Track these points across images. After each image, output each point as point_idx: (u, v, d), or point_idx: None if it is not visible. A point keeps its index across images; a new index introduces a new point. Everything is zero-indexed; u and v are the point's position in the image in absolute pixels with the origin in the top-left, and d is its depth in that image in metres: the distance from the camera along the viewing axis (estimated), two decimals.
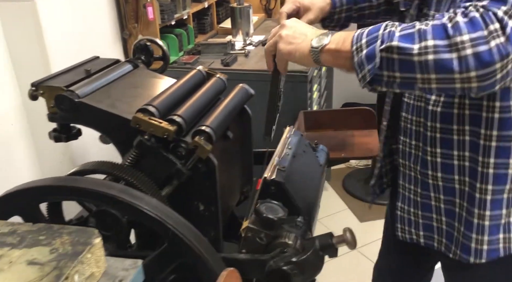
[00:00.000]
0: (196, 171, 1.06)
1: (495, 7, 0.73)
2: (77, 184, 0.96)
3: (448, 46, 0.74)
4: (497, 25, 0.72)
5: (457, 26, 0.74)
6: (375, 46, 0.79)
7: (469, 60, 0.73)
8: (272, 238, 1.01)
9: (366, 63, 0.80)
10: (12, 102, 1.51)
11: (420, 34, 0.76)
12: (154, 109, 1.05)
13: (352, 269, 2.31)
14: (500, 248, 0.95)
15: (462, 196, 0.97)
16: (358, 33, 0.83)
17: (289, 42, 0.90)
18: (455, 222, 0.99)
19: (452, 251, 1.01)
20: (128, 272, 0.77)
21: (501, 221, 0.94)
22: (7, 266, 0.69)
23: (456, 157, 0.95)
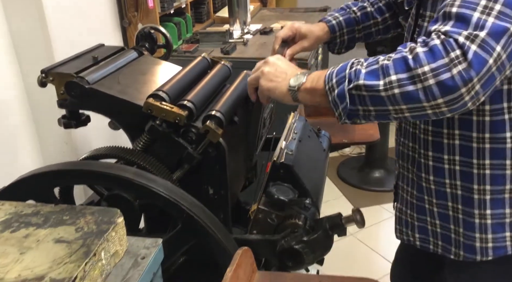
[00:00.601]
0: (207, 156, 1.08)
1: (456, 33, 0.75)
2: (92, 168, 0.98)
3: (411, 78, 0.76)
4: (458, 52, 0.74)
5: (417, 57, 0.76)
6: (344, 86, 0.82)
7: (433, 89, 0.75)
8: (282, 219, 1.04)
9: (339, 102, 0.84)
10: (15, 91, 1.51)
11: (383, 69, 0.79)
12: (165, 94, 1.07)
13: (348, 253, 2.36)
14: (507, 246, 0.95)
15: (455, 200, 0.97)
16: (329, 73, 0.87)
17: (270, 79, 0.94)
18: (450, 225, 0.99)
19: (453, 252, 1.01)
20: (149, 250, 0.79)
21: (505, 220, 0.94)
22: (35, 245, 0.71)
23: (446, 161, 0.96)
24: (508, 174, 0.92)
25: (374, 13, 1.26)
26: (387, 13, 1.26)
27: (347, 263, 2.29)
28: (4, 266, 0.66)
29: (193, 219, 0.97)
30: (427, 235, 1.04)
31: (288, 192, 1.04)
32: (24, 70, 1.53)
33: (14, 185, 1.00)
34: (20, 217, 0.77)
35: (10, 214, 0.78)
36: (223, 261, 0.98)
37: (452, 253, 1.01)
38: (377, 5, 1.26)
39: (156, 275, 0.80)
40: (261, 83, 0.94)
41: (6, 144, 1.48)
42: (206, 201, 1.06)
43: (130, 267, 0.75)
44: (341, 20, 1.25)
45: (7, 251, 0.69)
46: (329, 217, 1.02)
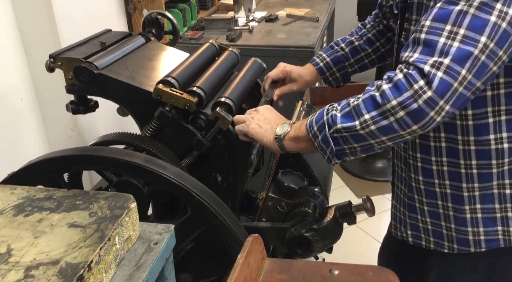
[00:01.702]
0: (216, 143, 1.08)
1: (422, 63, 0.78)
2: (102, 154, 0.97)
3: (382, 113, 0.81)
4: (421, 83, 0.78)
5: (384, 94, 0.81)
6: (325, 132, 0.88)
7: (405, 119, 0.80)
8: (292, 207, 1.04)
9: (325, 147, 0.90)
10: (21, 76, 1.50)
11: (356, 110, 0.84)
12: (174, 80, 1.06)
13: (352, 243, 2.37)
14: (500, 239, 0.98)
15: (445, 198, 0.99)
16: (309, 121, 0.93)
17: (259, 125, 1.00)
18: (441, 222, 1.01)
19: (447, 246, 1.02)
20: (161, 236, 0.79)
21: (496, 215, 0.97)
22: (49, 229, 0.71)
23: (434, 162, 0.98)
24: (494, 172, 0.94)
25: (363, 46, 1.29)
26: (377, 42, 1.28)
27: (349, 253, 2.30)
28: (19, 249, 0.66)
29: (204, 206, 0.97)
30: (418, 232, 1.06)
31: (298, 180, 1.04)
32: (29, 56, 1.51)
33: (23, 170, 1.00)
34: (32, 201, 0.77)
35: (23, 199, 0.78)
36: (232, 248, 0.98)
37: (446, 247, 1.03)
38: (366, 37, 1.29)
39: (168, 260, 0.80)
40: (250, 126, 1.00)
41: (12, 129, 1.47)
42: (214, 188, 1.06)
43: (143, 252, 0.75)
44: (328, 61, 1.30)
45: (21, 235, 0.69)
46: (339, 205, 1.02)
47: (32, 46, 1.50)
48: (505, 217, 0.96)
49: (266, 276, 0.90)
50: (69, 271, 0.62)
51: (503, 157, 0.92)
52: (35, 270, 0.62)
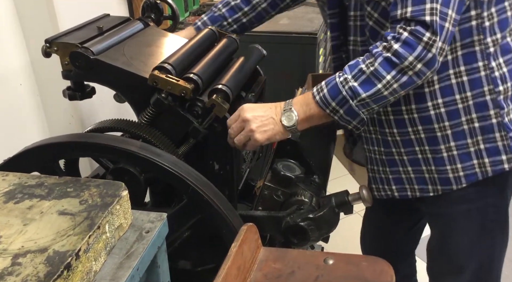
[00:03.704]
0: (212, 130, 1.06)
1: (421, 15, 0.85)
2: (97, 141, 0.96)
3: (401, 70, 0.88)
4: (428, 34, 0.86)
5: (398, 53, 0.88)
6: (350, 105, 0.92)
7: (423, 70, 0.88)
8: (288, 196, 1.03)
9: (350, 118, 0.94)
10: (20, 62, 1.49)
11: (375, 75, 0.90)
12: (170, 67, 1.04)
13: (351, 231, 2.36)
14: (477, 172, 1.04)
15: (421, 143, 1.05)
16: (319, 99, 0.94)
17: (263, 131, 0.98)
18: (422, 167, 1.07)
19: (431, 190, 1.08)
20: (154, 224, 0.79)
21: (470, 149, 1.03)
22: (39, 216, 0.70)
23: (405, 111, 1.04)
24: (461, 108, 1.00)
25: (240, 5, 1.33)
26: (254, 0, 1.32)
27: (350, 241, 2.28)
28: (7, 237, 0.66)
29: (199, 194, 0.96)
30: (402, 184, 1.11)
31: (295, 169, 1.03)
32: (28, 41, 1.50)
33: (18, 156, 1.00)
34: (24, 188, 0.77)
35: (14, 185, 0.78)
36: (228, 236, 0.97)
37: (431, 191, 1.08)
38: None
39: (161, 249, 0.80)
40: (257, 138, 0.98)
41: (11, 115, 1.47)
42: (211, 177, 1.05)
43: (134, 240, 0.75)
44: (206, 20, 1.36)
45: (11, 222, 0.69)
46: (335, 194, 1.01)
47: (31, 31, 1.49)
48: (478, 150, 1.02)
49: (261, 265, 0.90)
50: (56, 259, 0.61)
51: (465, 91, 0.99)
52: (22, 258, 0.62)
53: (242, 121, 0.99)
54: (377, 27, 1.01)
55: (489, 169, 1.03)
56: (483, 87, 0.99)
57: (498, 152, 1.02)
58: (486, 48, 0.97)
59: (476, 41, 0.96)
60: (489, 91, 0.99)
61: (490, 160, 1.02)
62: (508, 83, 1.00)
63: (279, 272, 0.87)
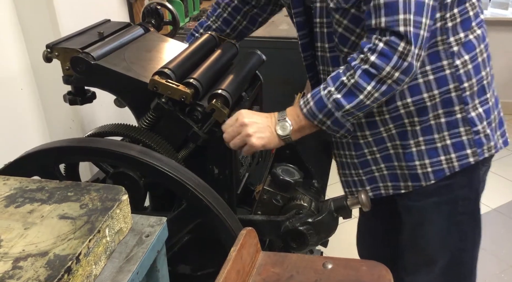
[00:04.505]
0: (212, 135, 1.07)
1: (395, 25, 0.88)
2: (97, 145, 0.97)
3: (380, 80, 0.92)
4: (403, 44, 0.88)
5: (375, 64, 0.90)
6: (336, 116, 0.96)
7: (401, 77, 0.91)
8: (287, 200, 1.04)
9: (338, 129, 0.99)
10: (21, 66, 1.50)
11: (356, 87, 0.93)
12: (170, 72, 1.05)
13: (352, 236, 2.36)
14: (445, 168, 1.07)
15: (392, 139, 1.09)
16: (307, 111, 0.98)
17: (260, 137, 1.01)
18: (394, 162, 1.10)
19: (403, 186, 1.11)
20: (153, 228, 0.79)
21: (437, 144, 1.06)
22: (39, 220, 0.71)
23: (376, 114, 1.07)
24: (429, 105, 1.03)
25: (221, 27, 1.37)
26: (234, 20, 1.36)
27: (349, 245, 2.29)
28: (8, 241, 0.66)
29: (198, 198, 0.97)
30: (376, 182, 1.14)
31: (294, 174, 1.03)
32: (29, 46, 1.51)
33: (19, 160, 1.00)
34: (24, 192, 0.77)
35: (15, 189, 0.78)
36: (227, 240, 0.98)
37: (402, 187, 1.11)
38: (222, 17, 1.36)
39: (161, 253, 0.80)
40: (253, 142, 1.01)
41: (12, 120, 1.48)
42: (211, 181, 1.06)
43: (134, 244, 0.75)
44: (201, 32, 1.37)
45: (12, 226, 0.69)
46: (334, 199, 1.01)
47: (31, 36, 1.50)
48: (445, 145, 1.05)
49: (260, 269, 0.90)
50: (57, 263, 0.62)
51: (432, 89, 1.02)
52: (23, 262, 0.62)
53: (240, 126, 1.01)
54: (347, 34, 1.03)
55: (456, 164, 1.06)
56: (449, 84, 1.02)
57: (463, 147, 1.05)
58: (450, 47, 1.00)
59: (439, 41, 1.00)
60: (454, 88, 1.02)
61: (456, 155, 1.05)
62: (473, 80, 1.03)
63: (277, 276, 0.88)
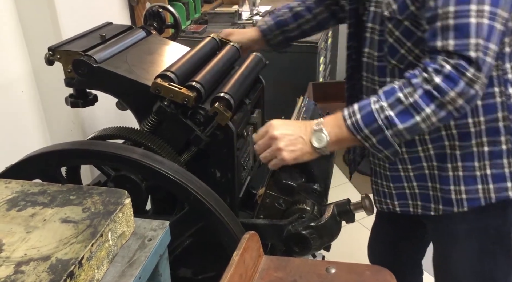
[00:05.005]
0: (214, 138, 1.07)
1: (465, 50, 0.82)
2: (99, 148, 0.97)
3: (441, 105, 0.85)
4: (472, 70, 0.82)
5: (439, 88, 0.84)
6: (385, 135, 0.88)
7: (464, 105, 0.85)
8: (290, 204, 1.03)
9: (383, 148, 0.91)
10: (22, 69, 1.50)
11: (414, 107, 0.86)
12: (173, 75, 1.05)
13: (353, 240, 2.36)
14: (480, 198, 1.01)
15: (429, 159, 1.03)
16: (350, 124, 0.90)
17: (291, 150, 0.95)
18: (427, 183, 1.05)
19: (433, 209, 1.06)
20: (156, 232, 0.79)
21: (475, 172, 1.00)
22: (41, 224, 0.70)
23: None
24: (472, 131, 0.98)
25: (303, 12, 1.33)
26: (317, 9, 1.33)
27: (352, 249, 2.28)
28: (10, 244, 0.66)
29: (200, 202, 0.96)
30: (405, 199, 1.09)
31: (296, 177, 1.02)
32: (31, 48, 1.51)
33: (20, 163, 1.00)
34: (26, 195, 0.77)
35: (17, 193, 0.78)
36: (229, 244, 0.97)
37: (432, 209, 1.06)
38: (306, 3, 1.34)
39: (163, 257, 0.80)
40: (284, 157, 0.95)
41: (13, 122, 1.47)
42: (213, 184, 1.05)
43: (136, 248, 0.74)
44: (271, 24, 1.36)
45: (14, 230, 0.69)
46: (337, 203, 1.01)
47: (33, 39, 1.49)
48: (484, 175, 1.00)
49: (263, 274, 0.89)
50: (59, 267, 0.61)
51: (479, 116, 0.97)
52: (25, 266, 0.62)
53: (270, 139, 0.96)
54: (397, 45, 0.97)
55: (493, 195, 1.00)
56: (498, 113, 0.96)
57: (504, 179, 0.99)
58: (504, 74, 0.95)
59: (494, 66, 0.92)
60: (503, 118, 0.97)
61: (495, 186, 1.00)
62: None
63: (280, 281, 0.87)
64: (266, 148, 0.97)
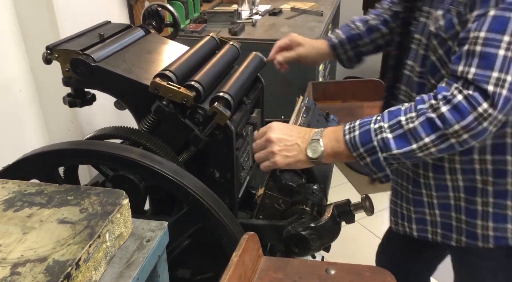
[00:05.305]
0: (213, 138, 1.06)
1: (484, 82, 0.75)
2: (97, 148, 0.96)
3: (443, 136, 0.79)
4: (485, 105, 0.75)
5: (444, 117, 0.78)
6: (378, 157, 0.84)
7: (468, 140, 0.79)
8: (289, 205, 1.02)
9: (376, 170, 0.87)
10: (20, 68, 1.49)
11: (413, 134, 0.81)
12: (172, 74, 1.04)
13: (352, 240, 2.35)
14: (509, 238, 0.96)
15: (457, 190, 0.97)
16: (350, 139, 0.87)
17: (285, 156, 0.93)
18: (451, 213, 0.99)
19: (454, 239, 1.01)
20: (154, 233, 0.78)
21: (507, 211, 0.95)
22: (38, 225, 0.69)
23: (446, 160, 0.95)
24: (509, 170, 0.92)
25: (379, 25, 1.23)
26: (394, 23, 1.21)
27: (352, 250, 2.28)
28: (7, 245, 0.65)
29: (199, 202, 0.96)
30: (425, 225, 1.04)
31: (296, 178, 1.02)
32: (29, 47, 1.50)
33: (18, 163, 0.99)
34: (23, 196, 0.76)
35: (14, 193, 0.77)
36: (229, 245, 0.97)
37: (454, 240, 1.01)
38: (382, 17, 1.24)
39: (161, 258, 0.79)
40: (278, 161, 0.93)
41: (11, 122, 1.46)
42: (212, 185, 1.05)
43: (135, 249, 0.74)
44: (343, 38, 1.26)
45: (10, 231, 0.68)
46: (337, 203, 1.00)
47: (31, 38, 1.48)
48: None
49: (262, 275, 0.89)
50: (56, 269, 0.60)
51: None
52: (21, 267, 0.61)
53: (266, 140, 0.94)
54: (439, 64, 0.90)
55: None
56: None
57: None
58: None
59: None
60: None
61: None
62: None
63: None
64: (262, 148, 0.96)
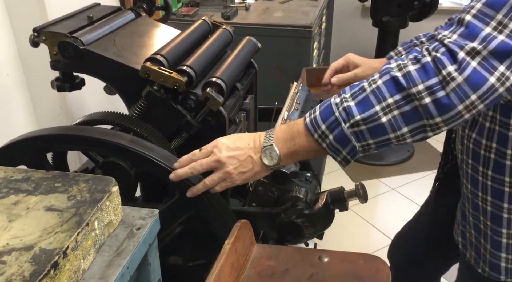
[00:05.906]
0: (206, 124, 1.04)
1: (458, 47, 0.70)
2: (87, 134, 0.94)
3: (407, 97, 0.73)
4: (451, 68, 0.70)
5: (409, 75, 0.72)
6: (342, 129, 0.77)
7: (430, 108, 0.72)
8: (283, 192, 1.01)
9: (340, 147, 0.79)
10: (7, 52, 1.45)
11: (375, 94, 0.75)
12: (163, 58, 1.01)
13: (345, 227, 2.36)
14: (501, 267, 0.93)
15: (485, 215, 0.93)
16: (309, 121, 0.81)
17: (241, 172, 0.86)
18: (481, 239, 0.97)
19: (481, 267, 0.98)
20: (145, 221, 0.76)
21: None
22: (25, 212, 0.67)
23: (480, 171, 0.92)
24: None
25: None
26: None
27: (344, 236, 2.29)
28: None
29: None
30: (465, 241, 1.02)
31: (289, 165, 1.00)
32: (16, 30, 1.46)
33: (4, 149, 0.96)
34: (9, 182, 0.74)
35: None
36: (221, 233, 0.95)
37: (480, 268, 0.98)
38: None
39: (152, 246, 0.78)
40: (235, 179, 0.87)
41: None
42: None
43: (125, 237, 0.72)
44: (401, 50, 1.18)
45: None
46: (331, 191, 0.99)
47: (18, 20, 1.44)
48: None
49: (255, 262, 0.88)
50: (43, 258, 0.58)
51: None
52: (7, 256, 0.59)
53: (216, 161, 0.86)
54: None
55: None
56: None
57: None
58: None
59: None
60: None
61: None
62: None
63: (273, 269, 0.86)
64: (209, 168, 0.88)
